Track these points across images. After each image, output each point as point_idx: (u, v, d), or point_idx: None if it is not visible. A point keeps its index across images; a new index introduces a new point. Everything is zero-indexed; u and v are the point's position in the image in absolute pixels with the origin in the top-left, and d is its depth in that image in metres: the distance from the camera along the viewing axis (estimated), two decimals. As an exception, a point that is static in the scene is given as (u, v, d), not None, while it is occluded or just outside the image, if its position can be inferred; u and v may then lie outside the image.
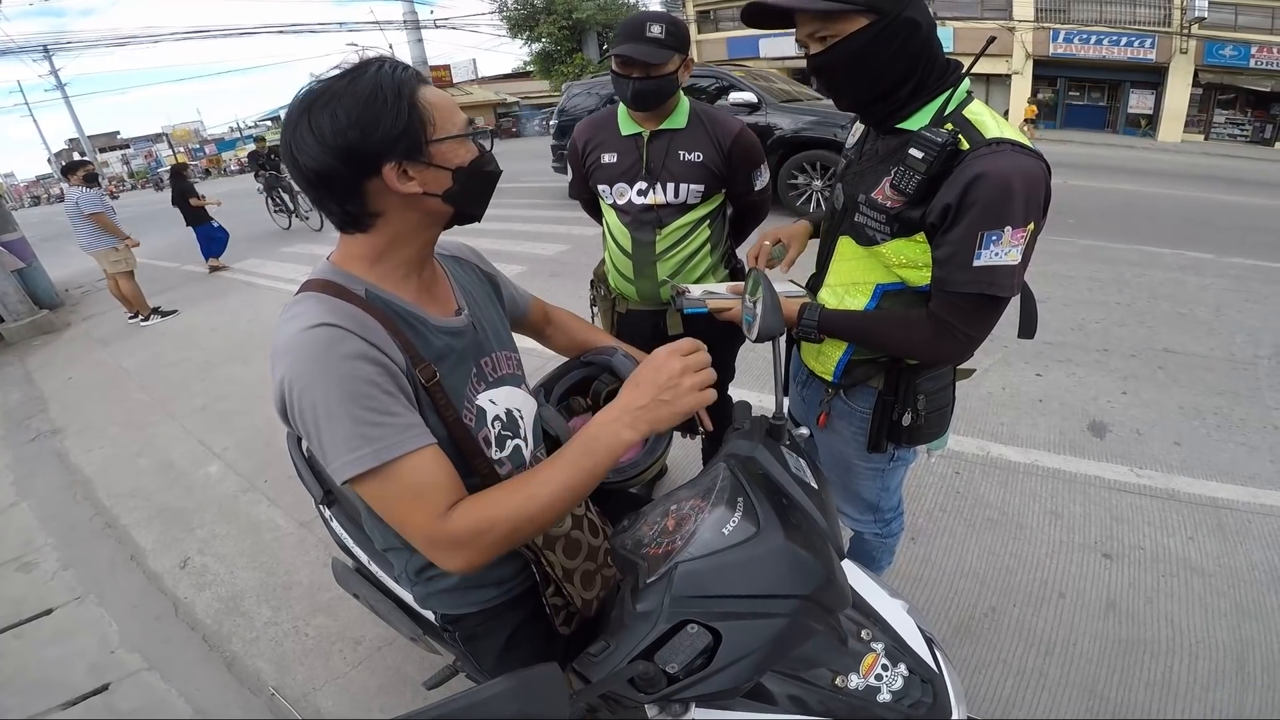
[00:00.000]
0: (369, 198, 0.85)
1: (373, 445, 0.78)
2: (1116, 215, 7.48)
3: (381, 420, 0.79)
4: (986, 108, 1.10)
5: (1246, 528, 2.35)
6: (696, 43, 25.73)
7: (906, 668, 0.86)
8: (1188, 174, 11.56)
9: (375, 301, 0.89)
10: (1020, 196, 1.00)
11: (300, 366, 0.78)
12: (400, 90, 0.80)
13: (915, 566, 2.25)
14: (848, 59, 1.07)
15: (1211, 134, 19.82)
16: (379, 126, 0.79)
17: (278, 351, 0.81)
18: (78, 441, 3.86)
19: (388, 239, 0.90)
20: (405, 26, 23.24)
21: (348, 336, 0.80)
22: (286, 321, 0.83)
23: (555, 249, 6.81)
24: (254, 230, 10.54)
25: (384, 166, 0.81)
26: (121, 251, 5.92)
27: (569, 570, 1.09)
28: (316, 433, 0.79)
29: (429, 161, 0.84)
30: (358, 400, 0.78)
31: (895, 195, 1.10)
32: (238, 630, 2.28)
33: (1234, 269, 5.30)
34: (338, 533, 1.49)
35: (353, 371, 0.79)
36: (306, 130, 0.79)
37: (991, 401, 3.26)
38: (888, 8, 1.02)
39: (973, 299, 1.08)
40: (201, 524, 2.90)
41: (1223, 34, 18.52)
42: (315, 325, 0.80)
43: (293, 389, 0.79)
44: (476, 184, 0.91)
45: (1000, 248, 1.02)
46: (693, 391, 0.84)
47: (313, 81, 0.83)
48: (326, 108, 0.79)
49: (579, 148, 1.96)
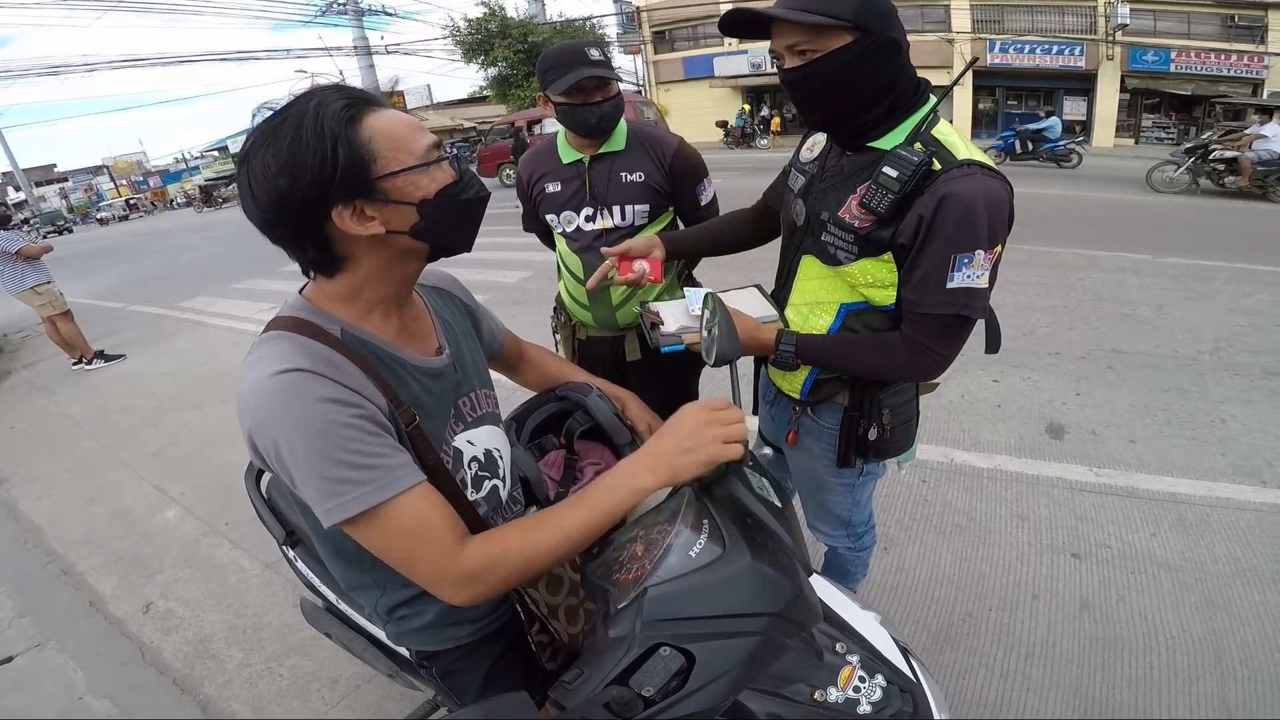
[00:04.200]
0: (331, 242, 0.80)
1: (360, 489, 0.75)
2: (1058, 221, 7.79)
3: (367, 462, 0.76)
4: (953, 128, 1.12)
5: (1206, 521, 2.43)
6: (652, 63, 26.16)
7: (884, 678, 0.87)
8: (1121, 178, 12.09)
9: (352, 343, 0.84)
10: (991, 220, 1.03)
11: (272, 414, 0.74)
12: (323, 130, 0.73)
13: (890, 576, 2.28)
14: (827, 75, 1.06)
15: (1141, 138, 20.72)
16: (306, 172, 0.73)
17: (245, 398, 0.76)
18: (25, 490, 3.68)
19: (361, 278, 0.85)
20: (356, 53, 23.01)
21: (319, 381, 0.76)
22: (253, 364, 0.78)
23: (517, 276, 6.79)
24: (202, 267, 10.26)
25: (333, 210, 0.76)
26: (45, 293, 5.64)
27: (553, 607, 1.07)
28: (301, 480, 0.75)
29: (386, 198, 0.78)
30: (338, 444, 0.74)
31: (865, 214, 1.10)
32: (209, 673, 2.20)
33: (1171, 268, 5.56)
34: (303, 572, 1.45)
35: (328, 416, 0.75)
36: (246, 177, 0.75)
37: (952, 409, 3.34)
38: (873, 26, 1.02)
39: (945, 320, 1.10)
40: (162, 569, 2.79)
41: (1145, 40, 19.41)
42: (284, 370, 0.75)
43: (267, 438, 0.74)
44: (451, 214, 0.84)
45: (972, 270, 1.05)
46: (716, 442, 0.83)
47: (262, 115, 0.78)
48: (259, 154, 0.74)
49: (524, 180, 1.96)
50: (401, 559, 0.79)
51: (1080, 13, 19.76)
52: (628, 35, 25.68)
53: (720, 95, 24.78)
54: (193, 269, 10.47)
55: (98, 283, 10.20)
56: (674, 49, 26.05)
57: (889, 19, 1.05)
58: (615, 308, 1.91)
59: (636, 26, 25.40)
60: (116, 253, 15.72)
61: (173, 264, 11.69)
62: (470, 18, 22.70)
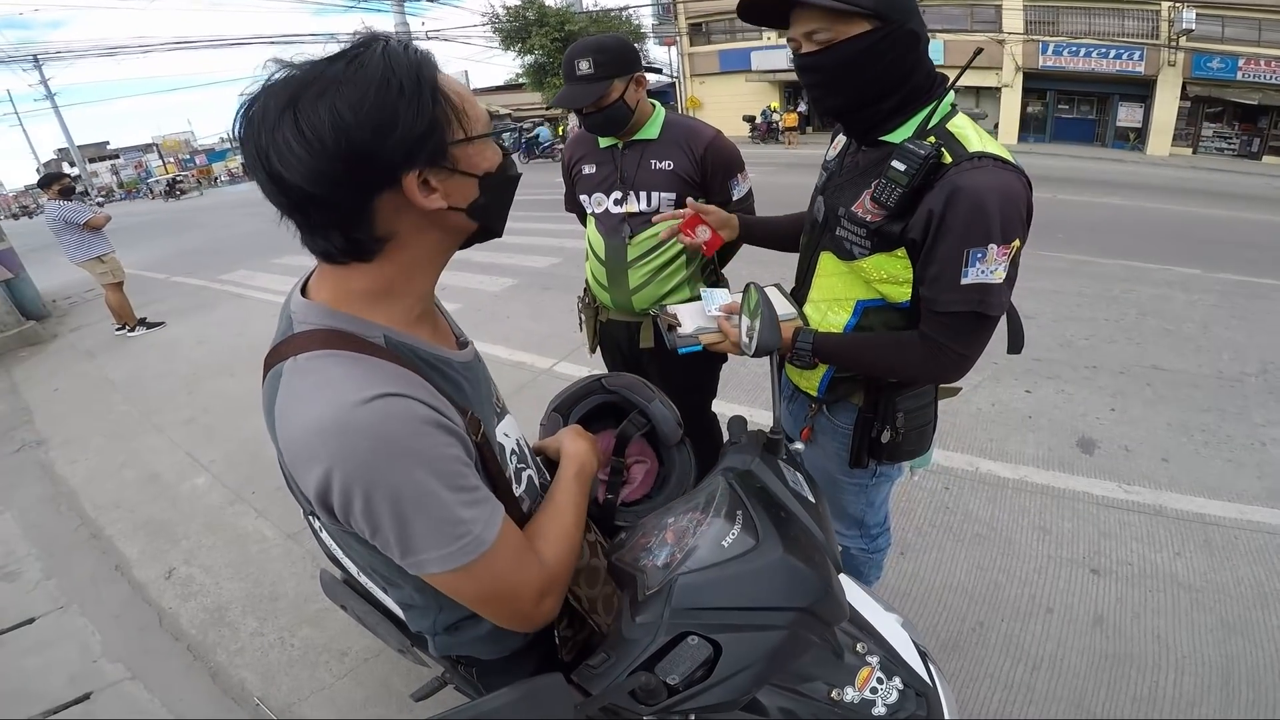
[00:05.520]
0: (379, 218, 0.66)
1: (474, 529, 0.67)
2: (1105, 230, 7.55)
3: (474, 499, 0.68)
4: (970, 121, 1.10)
5: (1233, 543, 2.36)
6: (688, 55, 25.94)
7: (901, 681, 0.87)
8: (1176, 188, 11.69)
9: (400, 350, 0.72)
10: (1003, 213, 1.00)
11: (363, 450, 0.61)
12: (420, 75, 0.62)
13: (904, 582, 2.25)
14: (844, 62, 1.05)
15: (1200, 147, 19.91)
16: (397, 124, 0.60)
17: (324, 436, 0.62)
18: (63, 453, 3.82)
19: (399, 268, 0.71)
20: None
21: (413, 405, 0.64)
22: (311, 395, 0.64)
23: (546, 261, 6.80)
24: (243, 241, 10.51)
25: (404, 176, 0.63)
26: (109, 262, 5.87)
27: (592, 600, 1.01)
28: (400, 528, 0.64)
29: (454, 167, 0.67)
30: (447, 480, 0.65)
31: (876, 208, 1.09)
32: (223, 641, 2.26)
33: (1221, 285, 5.35)
34: (327, 543, 1.47)
35: (435, 447, 0.65)
36: (293, 134, 0.59)
37: (981, 418, 3.27)
38: (894, 16, 1.01)
39: (962, 317, 1.08)
40: (187, 535, 2.87)
41: (1210, 46, 18.61)
42: (375, 397, 0.62)
43: (354, 480, 0.62)
44: (505, 193, 0.77)
45: (986, 265, 1.02)
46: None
47: (279, 68, 0.62)
48: (321, 101, 0.59)
49: (567, 162, 2.04)
50: (507, 593, 0.73)
51: (1142, 17, 19.02)
52: (663, 27, 25.48)
53: (756, 89, 24.50)
54: (234, 243, 10.71)
55: (144, 254, 10.52)
56: (710, 41, 25.80)
57: (910, 10, 1.03)
58: (632, 291, 1.93)
59: (672, 18, 25.22)
60: (159, 226, 16.21)
61: (214, 238, 11.99)
62: (509, 5, 22.88)
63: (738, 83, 24.72)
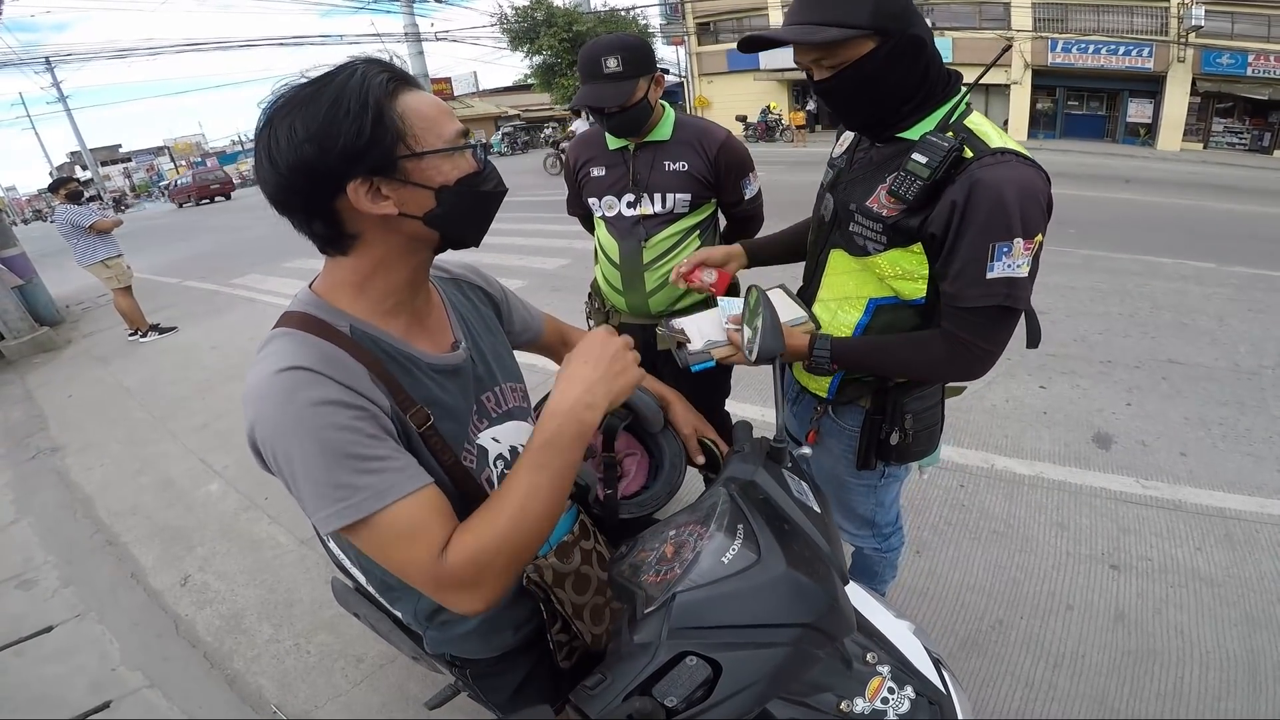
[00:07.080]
0: (342, 218, 0.77)
1: (358, 494, 0.72)
2: (1117, 225, 7.50)
3: (365, 467, 0.73)
4: (986, 119, 1.10)
5: (1254, 537, 2.33)
6: (695, 55, 25.93)
7: (913, 690, 0.85)
8: (1187, 182, 11.59)
9: (362, 340, 0.81)
10: (1028, 207, 1.00)
11: (270, 414, 0.73)
12: (366, 99, 0.72)
13: (921, 580, 2.23)
14: (858, 83, 1.06)
15: (1210, 142, 19.77)
16: (337, 140, 0.71)
17: (248, 396, 0.75)
18: (78, 459, 3.85)
19: (371, 263, 0.82)
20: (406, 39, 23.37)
21: (319, 380, 0.73)
22: (258, 362, 0.77)
23: (555, 263, 6.82)
24: (254, 245, 10.57)
25: (348, 185, 0.74)
26: (114, 266, 5.88)
27: (578, 606, 1.04)
28: (294, 484, 0.74)
29: (405, 179, 0.76)
30: (334, 449, 0.72)
31: (893, 202, 1.08)
32: (239, 648, 2.26)
33: (1236, 278, 5.30)
34: (335, 553, 1.47)
35: (325, 419, 0.72)
36: (267, 142, 0.73)
37: (996, 414, 3.24)
38: (893, 28, 1.01)
39: (989, 312, 1.06)
40: (202, 541, 2.88)
41: (1220, 42, 18.50)
42: (285, 369, 0.73)
43: (265, 437, 0.73)
44: (467, 205, 0.82)
45: (1012, 259, 1.01)
46: (634, 365, 0.88)
47: (284, 86, 0.75)
48: (286, 119, 0.72)
49: (572, 164, 2.00)
50: (396, 567, 0.76)
51: (1151, 13, 18.90)
52: (671, 26, 25.47)
53: (764, 88, 24.44)
54: (245, 248, 10.77)
55: (154, 259, 10.60)
56: (718, 41, 25.77)
57: (907, 15, 1.03)
58: (649, 294, 1.91)
59: (680, 18, 25.21)
60: (171, 231, 16.32)
61: (225, 242, 12.06)
62: (517, 5, 22.88)
63: (746, 82, 24.65)
